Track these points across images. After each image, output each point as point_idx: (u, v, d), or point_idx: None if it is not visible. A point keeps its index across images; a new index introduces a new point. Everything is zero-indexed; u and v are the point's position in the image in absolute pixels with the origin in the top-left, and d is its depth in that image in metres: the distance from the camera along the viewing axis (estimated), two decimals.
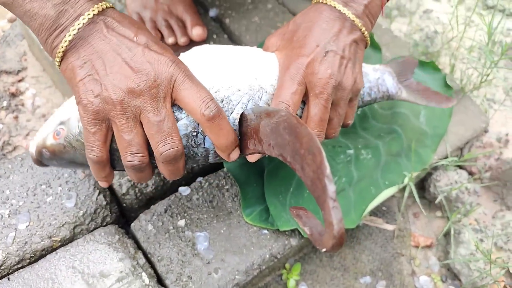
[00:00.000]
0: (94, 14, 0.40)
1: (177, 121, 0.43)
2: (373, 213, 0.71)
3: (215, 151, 0.45)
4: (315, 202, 0.58)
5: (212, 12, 0.79)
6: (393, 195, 0.74)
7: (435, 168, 0.73)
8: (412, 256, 0.70)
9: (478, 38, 0.87)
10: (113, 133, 0.42)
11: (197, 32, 0.71)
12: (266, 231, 0.56)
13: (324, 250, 0.29)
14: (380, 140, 0.65)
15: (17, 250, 0.50)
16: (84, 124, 0.41)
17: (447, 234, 0.72)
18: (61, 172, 0.56)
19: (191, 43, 0.72)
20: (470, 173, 0.75)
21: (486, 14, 0.96)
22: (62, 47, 0.40)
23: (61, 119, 0.47)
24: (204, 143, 0.45)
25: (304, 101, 0.48)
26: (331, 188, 0.28)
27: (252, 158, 0.48)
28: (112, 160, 0.44)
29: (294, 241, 0.56)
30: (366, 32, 0.49)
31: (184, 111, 0.43)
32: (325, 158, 0.29)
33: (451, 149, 0.70)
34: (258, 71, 0.47)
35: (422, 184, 0.76)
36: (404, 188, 0.70)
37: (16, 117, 0.71)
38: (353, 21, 0.48)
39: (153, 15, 0.71)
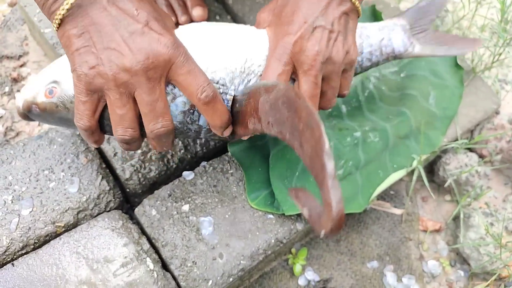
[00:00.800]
0: None
1: (175, 98, 0.44)
2: (381, 197, 0.70)
3: (208, 129, 0.47)
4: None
5: None
6: (401, 179, 0.72)
7: (445, 151, 0.71)
8: (420, 241, 0.69)
9: (490, 16, 0.84)
10: (104, 103, 0.43)
11: (197, 12, 0.70)
12: (271, 216, 0.55)
13: (322, 233, 0.27)
14: (388, 123, 0.63)
15: (20, 236, 0.50)
16: (76, 93, 0.42)
17: (456, 218, 0.71)
18: (64, 157, 0.55)
19: (192, 23, 0.71)
20: (481, 156, 0.73)
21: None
22: (60, 14, 0.40)
23: (54, 77, 0.46)
24: (199, 120, 0.46)
25: (294, 78, 0.48)
26: (330, 165, 0.27)
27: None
28: (105, 125, 0.45)
29: (300, 226, 0.55)
30: (357, 2, 0.48)
31: None
32: (324, 133, 0.27)
33: (461, 132, 0.68)
34: (249, 52, 0.48)
35: (431, 168, 0.74)
36: (412, 172, 0.69)
37: None
38: None
39: None
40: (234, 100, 0.46)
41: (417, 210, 0.71)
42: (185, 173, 0.57)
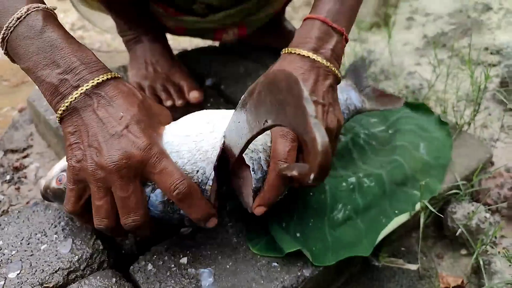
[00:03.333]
0: (89, 88, 0.45)
1: (155, 189, 0.46)
2: (392, 254, 0.66)
3: (189, 218, 0.47)
4: (320, 230, 0.55)
5: (209, 81, 0.84)
6: (410, 235, 0.69)
7: (448, 202, 0.69)
8: None
9: (463, 89, 0.92)
10: (89, 193, 0.46)
11: (194, 95, 0.76)
12: (275, 264, 0.51)
13: (312, 177, 0.26)
14: (382, 170, 0.63)
15: None
16: (67, 180, 0.47)
17: (477, 272, 0.65)
18: (58, 220, 0.54)
19: (189, 106, 0.76)
20: (486, 205, 0.71)
21: (466, 69, 1.02)
22: (59, 113, 0.46)
23: (64, 166, 0.52)
24: (180, 210, 0.47)
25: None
26: (310, 108, 0.27)
27: (259, 211, 0.49)
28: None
29: (307, 272, 0.51)
30: (337, 72, 0.54)
31: None
32: (301, 84, 0.28)
33: (460, 178, 0.68)
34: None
35: (439, 223, 0.72)
36: (418, 225, 0.67)
37: (18, 188, 0.71)
38: (327, 66, 0.52)
39: (152, 83, 0.76)
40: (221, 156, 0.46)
41: (433, 265, 0.66)
42: (182, 229, 0.55)
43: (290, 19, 1.10)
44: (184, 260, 0.51)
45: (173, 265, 0.50)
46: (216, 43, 1.02)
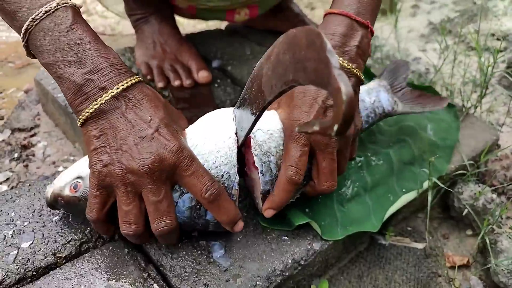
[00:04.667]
0: (117, 92, 0.44)
1: (183, 195, 0.46)
2: (399, 233, 0.67)
3: (216, 223, 0.47)
4: (329, 206, 0.55)
5: (215, 63, 0.84)
6: (416, 215, 0.70)
7: (455, 183, 0.70)
8: (450, 277, 0.63)
9: (469, 75, 0.92)
10: (114, 199, 0.45)
11: (202, 74, 0.76)
12: (285, 237, 0.52)
13: (335, 128, 0.26)
14: (389, 149, 0.64)
15: (18, 268, 0.46)
16: (90, 187, 0.45)
17: (483, 252, 0.66)
18: None
19: (197, 86, 0.76)
20: (492, 186, 0.71)
21: (473, 55, 1.02)
22: (84, 116, 0.44)
23: (79, 173, 0.49)
24: (205, 215, 0.47)
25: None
26: (333, 59, 0.27)
27: (268, 213, 0.49)
28: (115, 218, 0.46)
29: (317, 246, 0.51)
30: (359, 73, 0.51)
31: None
32: (324, 37, 0.28)
33: (466, 159, 0.68)
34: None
35: (445, 205, 0.72)
36: (424, 206, 0.67)
37: (26, 166, 0.71)
38: (348, 68, 0.49)
39: (160, 63, 0.76)
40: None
41: (440, 244, 0.66)
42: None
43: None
44: (195, 233, 0.51)
45: (184, 238, 0.50)
46: (222, 27, 1.02)
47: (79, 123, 0.45)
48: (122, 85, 0.44)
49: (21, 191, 0.55)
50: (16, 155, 0.73)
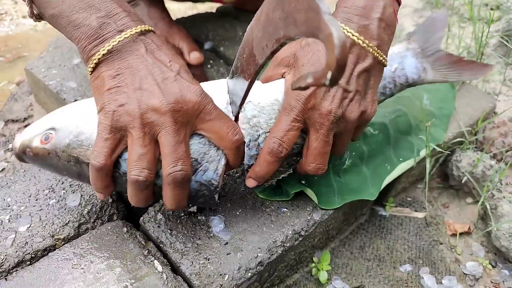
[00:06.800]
0: (136, 32, 0.42)
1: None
2: (399, 204, 0.66)
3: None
4: (325, 177, 0.55)
5: (207, 45, 0.83)
6: (416, 186, 0.69)
7: (453, 152, 0.69)
8: (452, 245, 0.63)
9: (463, 46, 0.91)
10: (124, 147, 0.42)
11: (194, 55, 0.75)
12: (285, 209, 0.51)
13: (329, 75, 0.25)
14: (385, 119, 0.63)
15: (16, 251, 0.46)
16: (100, 130, 0.41)
17: (483, 218, 0.66)
18: (65, 177, 0.54)
19: (189, 67, 0.75)
20: (490, 153, 0.71)
21: (466, 26, 1.01)
22: (99, 55, 0.41)
23: (53, 124, 0.45)
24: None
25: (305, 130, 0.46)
26: (323, 5, 0.26)
27: (249, 183, 0.48)
28: (114, 178, 0.43)
29: (317, 216, 0.51)
30: (377, 52, 0.45)
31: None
32: None
33: (465, 126, 0.68)
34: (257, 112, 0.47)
35: (444, 175, 0.72)
36: (423, 177, 0.67)
37: None
38: (363, 46, 0.44)
39: None
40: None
41: (440, 213, 0.66)
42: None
43: None
44: (193, 208, 0.51)
45: (182, 214, 0.50)
46: (213, 10, 1.01)
47: (90, 68, 0.42)
48: (140, 28, 0.42)
49: (16, 177, 0.54)
50: (10, 145, 0.72)
